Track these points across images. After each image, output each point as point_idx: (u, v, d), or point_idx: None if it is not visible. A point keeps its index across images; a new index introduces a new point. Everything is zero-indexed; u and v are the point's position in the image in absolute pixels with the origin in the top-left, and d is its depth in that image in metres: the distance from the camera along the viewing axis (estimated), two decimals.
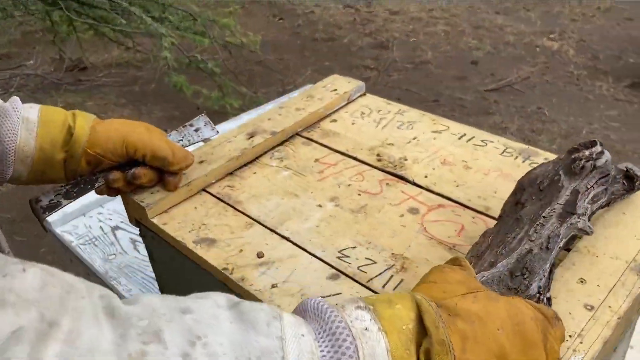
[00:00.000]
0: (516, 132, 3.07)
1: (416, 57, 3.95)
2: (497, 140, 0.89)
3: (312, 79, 3.79)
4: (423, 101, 3.37)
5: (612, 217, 0.69)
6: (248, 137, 0.94)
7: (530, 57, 3.97)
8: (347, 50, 4.16)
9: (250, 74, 3.86)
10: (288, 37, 4.48)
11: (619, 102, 3.49)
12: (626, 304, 0.58)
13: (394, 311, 0.42)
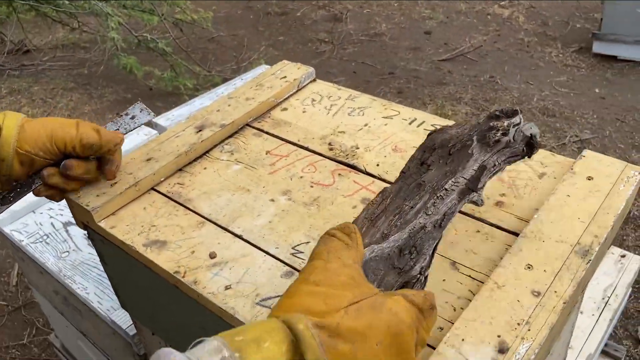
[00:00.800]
0: (470, 101, 3.11)
1: (370, 29, 3.93)
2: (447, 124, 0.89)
3: (267, 54, 3.73)
4: (379, 74, 3.37)
5: (557, 200, 0.71)
6: (196, 130, 0.91)
7: (482, 25, 4.01)
8: (301, 24, 4.10)
9: (203, 52, 3.76)
10: (241, 12, 4.37)
11: (567, 67, 3.57)
12: (571, 288, 0.60)
13: (263, 354, 0.38)
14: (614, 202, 0.70)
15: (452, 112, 2.93)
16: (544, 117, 2.98)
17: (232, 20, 4.24)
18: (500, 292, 0.60)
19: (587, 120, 2.98)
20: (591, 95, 3.25)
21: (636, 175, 0.73)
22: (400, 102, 3.09)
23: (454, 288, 0.64)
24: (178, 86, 3.10)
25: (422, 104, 3.03)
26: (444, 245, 0.69)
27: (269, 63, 3.59)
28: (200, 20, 3.41)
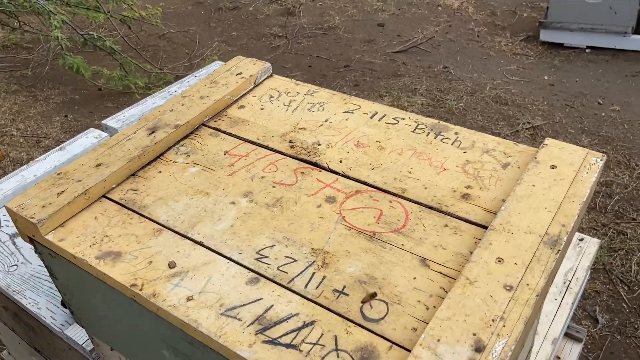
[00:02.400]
0: (425, 92, 3.13)
1: (324, 23, 3.90)
2: (408, 117, 0.88)
3: (220, 50, 3.65)
4: (334, 67, 3.35)
5: (523, 191, 0.71)
6: (149, 132, 0.86)
7: (433, 17, 4.05)
8: (253, 19, 4.03)
9: (153, 50, 3.64)
10: (191, 7, 4.26)
11: (517, 56, 3.65)
12: (543, 280, 0.59)
13: None
14: (578, 190, 0.70)
15: (409, 104, 2.95)
16: (497, 106, 3.03)
17: (182, 17, 4.13)
18: (473, 288, 0.59)
19: (538, 107, 3.05)
20: (540, 83, 3.33)
21: (598, 162, 0.74)
22: (357, 94, 3.09)
23: (425, 286, 0.62)
24: (129, 85, 2.99)
25: (379, 96, 3.03)
26: (413, 242, 0.68)
27: (223, 59, 3.51)
28: (148, 17, 3.30)
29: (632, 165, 2.52)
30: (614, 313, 1.86)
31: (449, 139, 0.83)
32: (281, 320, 0.60)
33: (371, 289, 0.63)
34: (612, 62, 3.50)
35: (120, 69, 3.07)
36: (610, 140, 2.71)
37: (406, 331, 0.58)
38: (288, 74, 3.22)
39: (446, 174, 0.77)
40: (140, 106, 1.65)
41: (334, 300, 0.62)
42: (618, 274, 1.99)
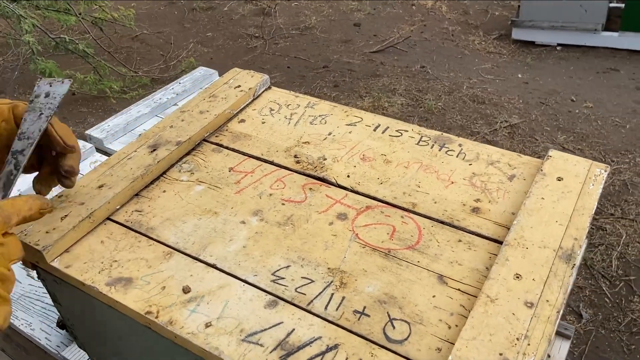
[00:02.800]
0: (404, 92, 3.15)
1: (300, 23, 3.89)
2: (411, 129, 0.88)
3: (196, 52, 3.60)
4: (313, 68, 3.34)
5: (532, 204, 0.72)
6: (150, 150, 0.84)
7: (408, 16, 4.08)
8: (228, 19, 3.99)
9: (127, 52, 3.57)
10: (164, 8, 4.18)
11: (490, 54, 3.71)
12: (561, 295, 0.60)
13: None
14: (586, 202, 0.71)
15: (389, 104, 2.97)
16: (475, 104, 3.08)
17: (156, 17, 4.05)
18: (494, 306, 0.60)
19: (514, 105, 3.11)
20: (515, 81, 3.39)
21: (602, 173, 0.75)
22: (337, 95, 3.09)
23: (444, 304, 0.63)
24: (103, 89, 2.92)
25: (359, 96, 3.04)
26: (428, 258, 0.68)
27: (199, 61, 3.46)
28: (121, 19, 3.23)
29: (607, 161, 2.59)
30: (597, 308, 1.91)
31: (454, 151, 0.83)
32: (304, 344, 0.60)
33: (391, 309, 0.63)
34: (582, 59, 3.59)
35: (94, 72, 3.00)
36: (585, 137, 2.78)
37: (431, 352, 0.58)
38: None
39: (454, 187, 0.78)
40: (124, 115, 1.61)
41: (355, 322, 0.62)
42: (599, 269, 2.05)
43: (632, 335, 1.79)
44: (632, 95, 3.10)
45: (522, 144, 2.72)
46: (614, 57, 3.49)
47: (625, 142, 2.72)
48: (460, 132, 2.79)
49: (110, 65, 3.08)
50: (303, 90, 3.08)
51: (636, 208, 2.28)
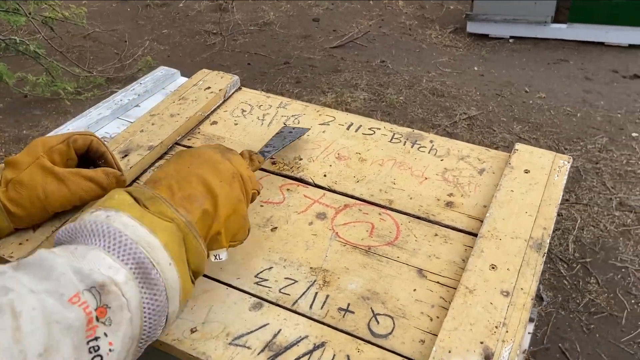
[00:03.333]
0: (366, 87, 3.18)
1: (259, 19, 3.86)
2: (383, 127, 0.90)
3: (152, 50, 3.52)
4: (274, 64, 3.33)
5: (503, 196, 0.75)
6: (122, 156, 0.83)
7: (366, 11, 4.11)
8: (184, 16, 3.92)
9: (79, 51, 3.46)
10: (116, 5, 4.07)
11: (447, 48, 3.79)
12: (534, 283, 0.63)
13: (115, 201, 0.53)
14: (552, 193, 0.75)
15: (352, 99, 2.99)
16: (435, 98, 3.14)
17: (108, 15, 3.94)
18: (473, 297, 0.62)
19: (471, 98, 3.19)
20: (471, 74, 3.48)
21: (566, 165, 0.79)
22: (300, 92, 3.09)
23: (425, 297, 0.65)
24: (57, 91, 2.83)
25: (322, 92, 3.05)
26: (407, 253, 0.70)
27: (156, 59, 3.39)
28: (72, 17, 3.13)
29: (561, 149, 2.69)
30: (557, 290, 2.00)
31: (426, 147, 0.86)
32: (291, 344, 0.61)
33: (375, 305, 0.64)
34: (534, 51, 3.71)
35: (46, 73, 2.89)
36: (540, 127, 2.88)
37: (415, 344, 0.60)
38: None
39: (428, 182, 0.80)
40: (84, 118, 1.56)
41: (340, 319, 0.63)
42: (557, 253, 2.13)
43: (590, 315, 1.87)
44: (582, 85, 3.23)
45: (481, 135, 2.80)
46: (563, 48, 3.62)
47: (576, 130, 2.83)
48: (422, 126, 2.84)
49: (63, 66, 2.99)
50: (265, 87, 3.07)
51: (589, 193, 2.39)
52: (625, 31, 3.39)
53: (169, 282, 0.51)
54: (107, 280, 0.45)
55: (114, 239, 0.49)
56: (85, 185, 0.69)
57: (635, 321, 1.84)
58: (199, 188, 0.57)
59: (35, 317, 0.40)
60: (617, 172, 2.48)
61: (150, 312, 0.49)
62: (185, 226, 0.54)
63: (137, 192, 0.55)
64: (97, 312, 0.44)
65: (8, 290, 0.41)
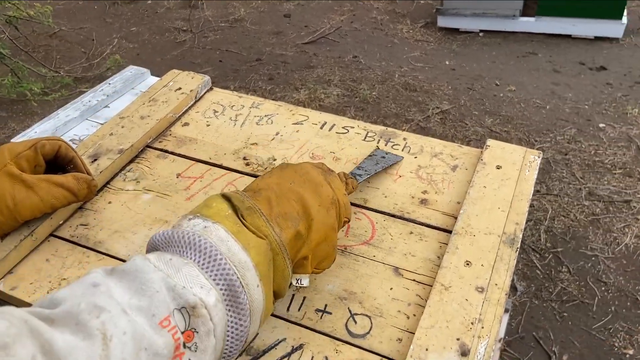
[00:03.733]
0: (339, 83, 3.19)
1: (229, 15, 3.82)
2: (357, 126, 0.90)
3: (121, 48, 3.46)
4: (246, 61, 3.30)
5: (476, 193, 0.75)
6: (91, 160, 0.81)
7: (337, 6, 4.11)
8: (153, 12, 3.86)
9: (45, 50, 3.37)
10: (82, 2, 3.98)
11: (418, 42, 3.82)
12: (508, 278, 0.64)
13: (213, 210, 0.53)
14: (524, 188, 0.76)
15: (325, 95, 2.99)
16: (407, 92, 3.16)
17: (74, 13, 3.85)
18: (449, 294, 0.63)
19: (443, 92, 3.22)
20: (443, 68, 3.51)
21: (536, 159, 0.80)
22: (273, 88, 3.07)
23: (402, 295, 0.65)
24: (23, 92, 2.76)
25: (295, 89, 3.04)
26: (383, 252, 0.70)
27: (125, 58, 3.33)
28: (37, 16, 3.05)
29: (531, 141, 2.74)
30: (530, 280, 2.04)
31: (399, 145, 0.86)
32: (269, 347, 0.60)
33: (352, 305, 0.64)
34: (503, 44, 3.76)
35: (12, 74, 2.82)
36: (510, 119, 2.93)
37: (392, 342, 0.60)
38: (198, 70, 3.13)
39: (402, 180, 0.80)
40: (52, 120, 1.53)
41: (318, 321, 0.63)
42: (530, 244, 2.18)
43: (563, 303, 1.92)
44: (550, 78, 3.30)
45: (454, 129, 2.83)
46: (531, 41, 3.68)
47: (546, 122, 2.89)
48: (395, 120, 2.86)
49: (29, 66, 2.91)
50: (238, 84, 3.04)
51: (559, 184, 2.44)
52: (591, 24, 3.47)
53: (254, 304, 0.50)
54: (198, 302, 0.44)
55: (209, 256, 0.48)
56: (56, 192, 0.67)
57: (605, 308, 1.89)
58: (297, 207, 0.56)
59: (126, 344, 0.39)
60: (585, 163, 2.54)
61: (233, 336, 0.48)
62: (277, 245, 0.53)
63: (237, 199, 0.54)
64: (185, 336, 0.43)
65: (100, 311, 0.39)
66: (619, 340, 1.80)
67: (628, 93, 3.05)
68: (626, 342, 1.80)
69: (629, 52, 3.42)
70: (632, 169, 2.47)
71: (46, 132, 1.50)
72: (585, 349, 1.78)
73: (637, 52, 3.41)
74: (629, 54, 3.40)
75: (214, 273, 0.47)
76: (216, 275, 0.47)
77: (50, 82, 3.03)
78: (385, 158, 0.83)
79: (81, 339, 0.37)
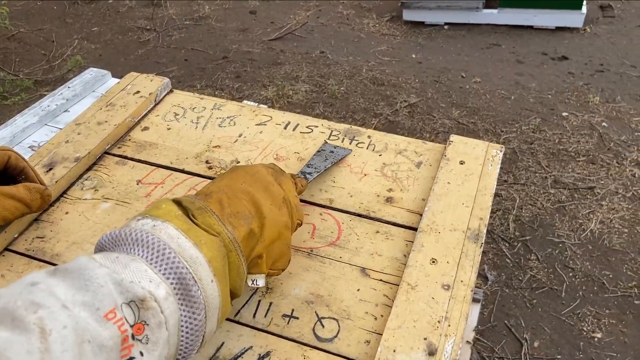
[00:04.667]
0: (307, 79, 3.17)
1: (194, 13, 3.76)
2: (321, 124, 0.89)
3: (82, 49, 3.37)
4: (212, 59, 3.26)
5: (440, 189, 0.75)
6: (46, 169, 0.78)
7: (303, 2, 4.09)
8: (115, 12, 3.77)
9: (3, 53, 3.26)
10: (41, 3, 3.87)
11: (385, 36, 3.83)
12: (474, 274, 0.64)
13: (162, 210, 0.52)
14: (487, 182, 0.76)
15: (293, 92, 2.97)
16: (375, 87, 3.17)
17: (33, 14, 3.74)
18: (415, 293, 0.63)
19: (411, 85, 3.24)
20: (409, 61, 3.53)
21: (499, 154, 0.81)
22: (240, 86, 3.04)
23: (369, 296, 0.65)
24: None
25: (262, 86, 3.02)
26: (350, 253, 0.70)
27: (86, 58, 3.25)
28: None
29: (497, 131, 2.78)
30: (500, 269, 2.07)
31: (364, 143, 0.86)
32: (235, 356, 0.59)
33: (319, 309, 0.64)
34: (468, 37, 3.80)
35: None
36: (477, 111, 2.96)
37: (360, 345, 0.60)
38: (164, 70, 3.08)
39: (367, 179, 0.80)
40: (9, 127, 1.48)
41: (285, 327, 0.62)
42: (499, 233, 2.21)
43: (533, 290, 1.96)
44: (514, 68, 3.35)
45: (422, 122, 2.85)
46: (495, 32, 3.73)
47: (511, 112, 2.93)
48: (364, 115, 2.86)
49: None
50: (204, 83, 3.00)
51: (526, 173, 2.48)
52: (552, 14, 3.53)
53: (209, 299, 0.49)
54: (147, 295, 0.44)
55: (158, 250, 0.47)
56: (7, 204, 0.65)
57: (573, 293, 1.93)
58: (249, 207, 0.57)
59: (66, 337, 0.38)
60: (550, 151, 2.59)
61: (188, 331, 0.47)
62: (230, 242, 0.53)
63: (187, 201, 0.54)
64: (134, 329, 0.42)
65: (38, 307, 0.38)
66: (588, 324, 1.84)
67: (589, 82, 3.11)
68: (594, 325, 1.84)
69: (589, 42, 3.49)
70: (595, 156, 2.53)
71: (3, 140, 1.45)
72: (556, 335, 1.82)
73: (597, 41, 3.49)
74: (589, 43, 3.47)
75: (164, 267, 0.47)
76: (165, 269, 0.47)
77: (10, 85, 2.94)
78: (334, 153, 0.82)
79: (17, 334, 0.37)
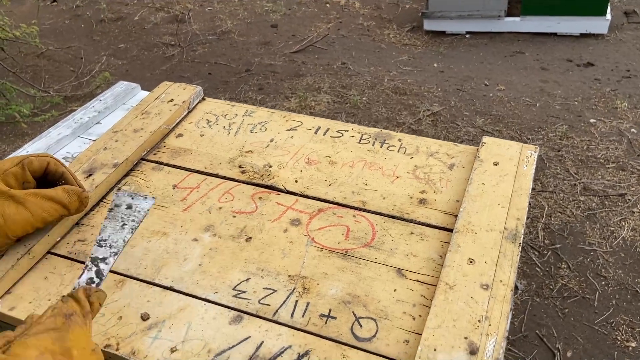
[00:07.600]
0: (329, 90, 3.19)
1: (217, 28, 3.83)
2: (351, 129, 0.90)
3: (110, 65, 3.45)
4: (235, 72, 3.30)
5: (475, 190, 0.75)
6: (86, 175, 0.80)
7: (323, 14, 4.13)
8: (141, 29, 3.85)
9: (33, 70, 3.36)
10: (68, 21, 3.98)
11: (406, 46, 3.84)
12: (512, 274, 0.64)
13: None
14: (522, 183, 0.76)
15: (315, 103, 2.99)
16: (397, 96, 3.17)
17: (61, 32, 3.85)
18: (454, 293, 0.62)
19: (433, 94, 3.23)
20: (431, 70, 3.52)
21: (533, 155, 0.80)
22: (263, 98, 3.07)
23: (406, 296, 0.65)
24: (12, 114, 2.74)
25: (285, 97, 3.04)
26: (385, 253, 0.69)
27: (114, 75, 3.32)
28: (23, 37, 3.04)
29: (523, 139, 2.75)
30: (530, 278, 2.03)
31: (395, 147, 0.86)
32: (275, 356, 0.59)
33: (357, 309, 0.64)
34: (490, 45, 3.79)
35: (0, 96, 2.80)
36: (502, 118, 2.94)
37: (399, 345, 0.60)
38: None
39: (399, 181, 0.80)
40: (44, 139, 1.51)
41: (323, 326, 0.62)
42: (528, 241, 2.18)
43: (564, 300, 1.92)
44: (538, 75, 3.32)
45: (446, 130, 2.83)
46: (518, 40, 3.71)
47: (537, 119, 2.90)
48: (387, 124, 2.86)
49: (17, 87, 2.89)
50: (228, 95, 3.04)
51: (554, 181, 2.45)
52: (576, 21, 3.50)
53: None
54: None
55: None
56: (46, 206, 0.66)
57: (606, 302, 1.89)
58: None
59: None
60: (578, 158, 2.55)
61: None
62: None
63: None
64: None
65: None
66: (622, 333, 1.79)
67: (616, 87, 3.07)
68: (628, 335, 1.79)
69: (614, 48, 3.45)
70: (625, 163, 2.48)
71: (39, 151, 1.48)
72: (589, 344, 1.78)
73: (622, 47, 3.45)
74: (614, 49, 3.43)
75: None
76: None
77: (40, 102, 3.01)
78: (132, 208, 0.66)
79: None
